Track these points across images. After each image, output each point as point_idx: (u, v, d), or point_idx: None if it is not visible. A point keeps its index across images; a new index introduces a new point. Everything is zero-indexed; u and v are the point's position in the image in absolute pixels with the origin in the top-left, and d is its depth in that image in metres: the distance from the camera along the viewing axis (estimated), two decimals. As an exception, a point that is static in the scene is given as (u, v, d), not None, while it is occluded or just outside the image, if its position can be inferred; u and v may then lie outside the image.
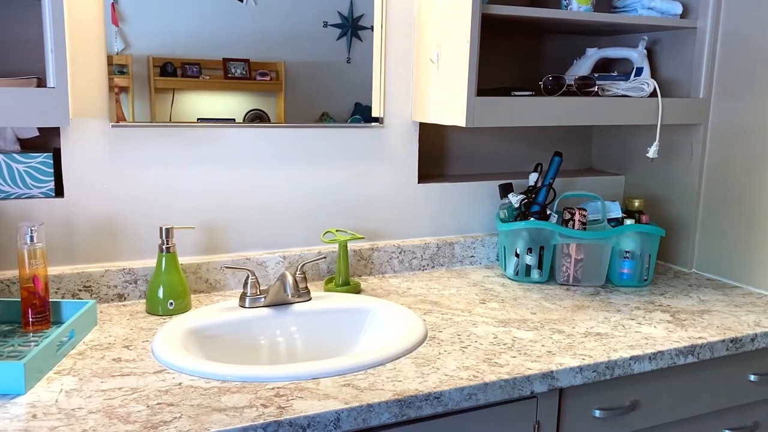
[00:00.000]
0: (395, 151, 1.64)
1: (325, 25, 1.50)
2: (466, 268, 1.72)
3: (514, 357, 1.17)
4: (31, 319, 1.22)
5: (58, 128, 1.37)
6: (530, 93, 1.53)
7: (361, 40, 1.54)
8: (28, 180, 1.33)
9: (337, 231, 1.54)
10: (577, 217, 1.59)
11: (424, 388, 1.05)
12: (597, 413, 1.22)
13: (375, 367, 1.12)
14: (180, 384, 1.05)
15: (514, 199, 1.64)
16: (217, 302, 1.41)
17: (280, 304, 1.37)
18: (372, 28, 1.54)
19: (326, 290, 1.50)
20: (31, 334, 1.21)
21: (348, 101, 1.56)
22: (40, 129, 1.37)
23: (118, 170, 1.40)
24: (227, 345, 1.27)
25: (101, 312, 1.34)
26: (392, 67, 1.60)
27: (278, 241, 1.56)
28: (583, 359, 1.17)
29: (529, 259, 1.60)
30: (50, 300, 1.26)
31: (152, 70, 1.38)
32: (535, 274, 1.61)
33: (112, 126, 1.37)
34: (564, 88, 1.56)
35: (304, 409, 0.97)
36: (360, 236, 1.52)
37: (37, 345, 1.16)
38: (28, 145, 1.38)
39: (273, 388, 1.03)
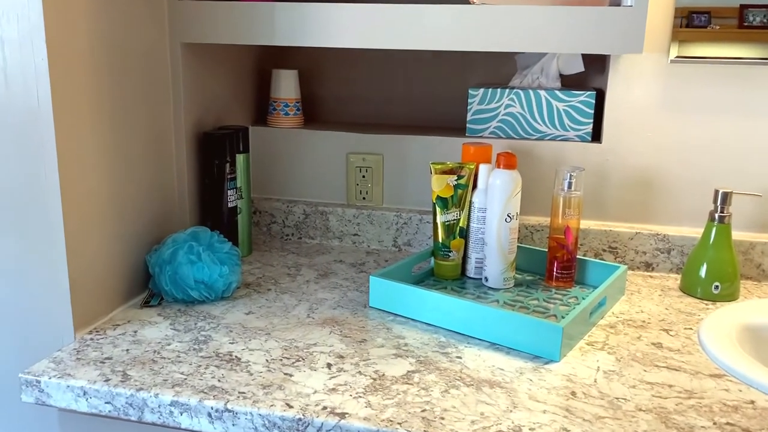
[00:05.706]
0: None
1: None
2: None
3: None
4: (555, 274, 1.11)
5: (603, 65, 1.21)
6: None
7: None
8: (566, 120, 1.21)
9: None
10: None
11: None
12: None
13: None
14: (753, 402, 0.77)
15: None
16: (774, 296, 1.08)
17: None
18: None
19: None
20: (554, 290, 1.10)
21: None
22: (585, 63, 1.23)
23: (668, 115, 1.16)
24: (795, 358, 0.94)
25: (627, 280, 1.15)
26: None
27: None
28: None
29: None
30: (577, 257, 1.12)
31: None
32: None
33: (671, 62, 1.14)
34: None
35: None
36: None
37: (567, 306, 1.03)
38: (566, 83, 1.26)
39: None
